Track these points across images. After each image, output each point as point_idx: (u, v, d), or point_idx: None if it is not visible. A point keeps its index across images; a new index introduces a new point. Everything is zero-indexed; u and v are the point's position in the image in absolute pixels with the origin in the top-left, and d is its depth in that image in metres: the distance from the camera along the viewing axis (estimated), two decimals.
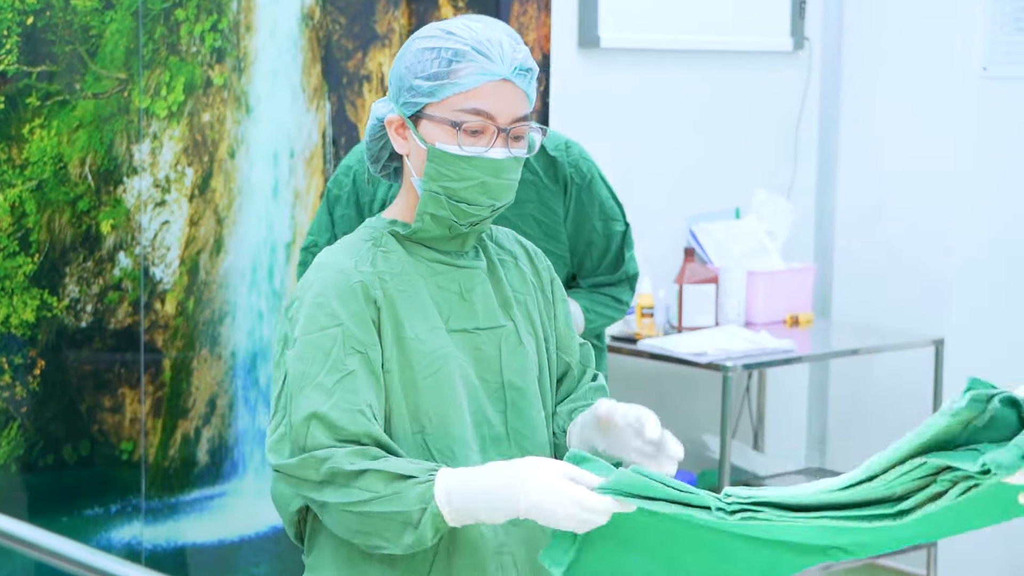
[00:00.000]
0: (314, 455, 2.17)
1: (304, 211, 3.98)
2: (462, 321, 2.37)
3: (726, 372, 4.26)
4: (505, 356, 2.39)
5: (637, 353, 4.44)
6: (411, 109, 2.30)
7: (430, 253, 2.36)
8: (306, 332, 2.25)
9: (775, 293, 4.92)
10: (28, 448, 3.53)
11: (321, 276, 2.29)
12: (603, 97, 4.71)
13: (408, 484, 2.16)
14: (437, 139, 2.29)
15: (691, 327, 4.63)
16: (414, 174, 2.33)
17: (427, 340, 2.31)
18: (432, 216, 2.32)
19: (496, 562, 2.30)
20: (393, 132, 2.34)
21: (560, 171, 3.43)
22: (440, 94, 2.28)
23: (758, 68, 5.11)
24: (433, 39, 2.31)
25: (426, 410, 2.29)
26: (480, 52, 2.28)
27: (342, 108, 4.04)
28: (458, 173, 2.29)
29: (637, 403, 2.43)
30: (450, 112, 2.28)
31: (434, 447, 2.29)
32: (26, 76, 3.46)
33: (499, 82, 2.29)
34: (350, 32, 4.03)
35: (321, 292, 2.27)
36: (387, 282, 2.31)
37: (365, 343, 2.26)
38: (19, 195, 3.47)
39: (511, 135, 2.31)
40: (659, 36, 4.82)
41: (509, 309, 2.42)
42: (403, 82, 2.31)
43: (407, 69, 2.30)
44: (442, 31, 2.32)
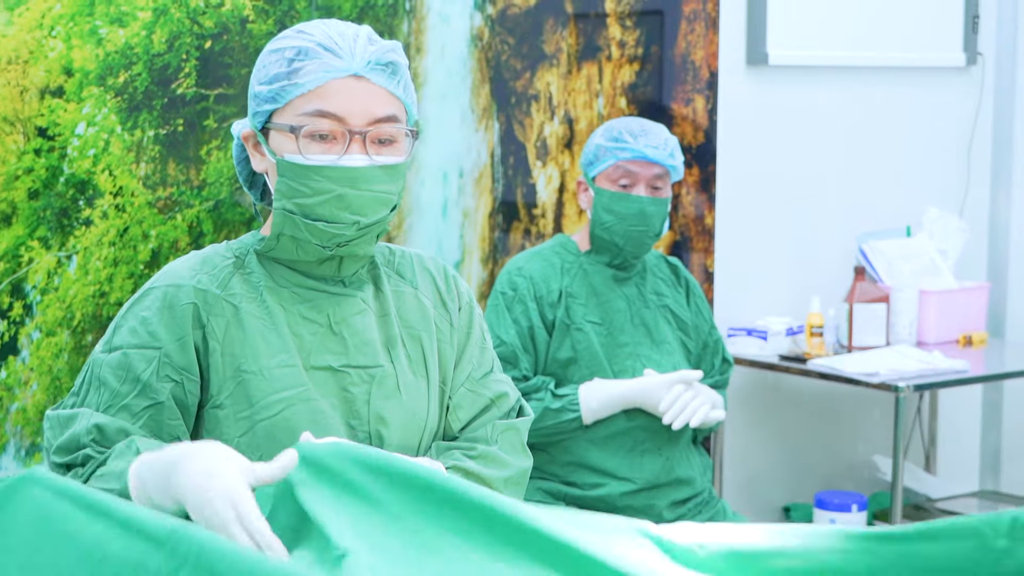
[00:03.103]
0: (89, 454, 1.96)
1: (473, 230, 4.01)
2: (327, 357, 2.09)
3: (898, 392, 4.19)
4: (375, 401, 2.10)
5: (806, 373, 4.39)
6: (260, 120, 2.05)
7: (296, 277, 2.10)
8: (124, 345, 2.03)
9: (947, 312, 4.83)
10: None
11: (157, 286, 2.07)
12: (771, 114, 4.68)
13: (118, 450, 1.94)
14: (285, 150, 2.02)
15: (861, 347, 4.57)
16: (272, 191, 2.07)
17: (273, 378, 2.04)
18: (292, 238, 2.06)
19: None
20: (251, 149, 2.10)
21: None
22: (282, 98, 2.02)
23: (930, 84, 5.03)
24: (282, 39, 2.07)
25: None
26: (326, 48, 2.03)
27: (510, 128, 4.06)
28: (309, 186, 2.01)
29: (808, 423, 2.23)
30: (292, 117, 2.02)
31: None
32: (204, 99, 3.53)
33: (349, 79, 2.02)
34: (518, 52, 4.06)
35: (149, 306, 2.05)
36: (237, 307, 2.06)
37: (182, 370, 2.03)
38: (197, 215, 3.54)
39: (371, 139, 2.03)
40: (828, 53, 4.77)
41: (393, 348, 2.14)
42: (251, 90, 2.07)
43: (253, 76, 2.07)
44: (294, 31, 2.07)
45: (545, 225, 4.13)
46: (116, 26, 3.38)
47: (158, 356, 2.02)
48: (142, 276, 3.44)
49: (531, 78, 4.09)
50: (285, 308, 2.08)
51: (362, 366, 2.10)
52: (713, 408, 3.39)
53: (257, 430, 2.03)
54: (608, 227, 3.43)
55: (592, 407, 3.33)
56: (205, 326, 2.04)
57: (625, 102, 4.28)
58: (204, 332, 2.04)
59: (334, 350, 2.09)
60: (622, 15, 4.24)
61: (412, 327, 2.17)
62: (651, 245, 3.48)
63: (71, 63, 3.32)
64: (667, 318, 3.54)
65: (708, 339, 3.60)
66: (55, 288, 3.33)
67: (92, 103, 3.36)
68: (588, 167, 3.48)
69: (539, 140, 4.12)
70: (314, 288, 2.10)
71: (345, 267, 2.11)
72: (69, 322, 3.36)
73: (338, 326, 2.10)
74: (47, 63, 3.29)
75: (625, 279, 3.51)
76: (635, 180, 3.42)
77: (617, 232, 3.42)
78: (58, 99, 3.31)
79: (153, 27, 3.44)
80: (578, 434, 3.37)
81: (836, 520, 4.48)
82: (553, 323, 3.43)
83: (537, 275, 3.47)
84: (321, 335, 2.08)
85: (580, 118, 4.18)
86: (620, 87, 4.26)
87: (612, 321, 3.46)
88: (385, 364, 2.12)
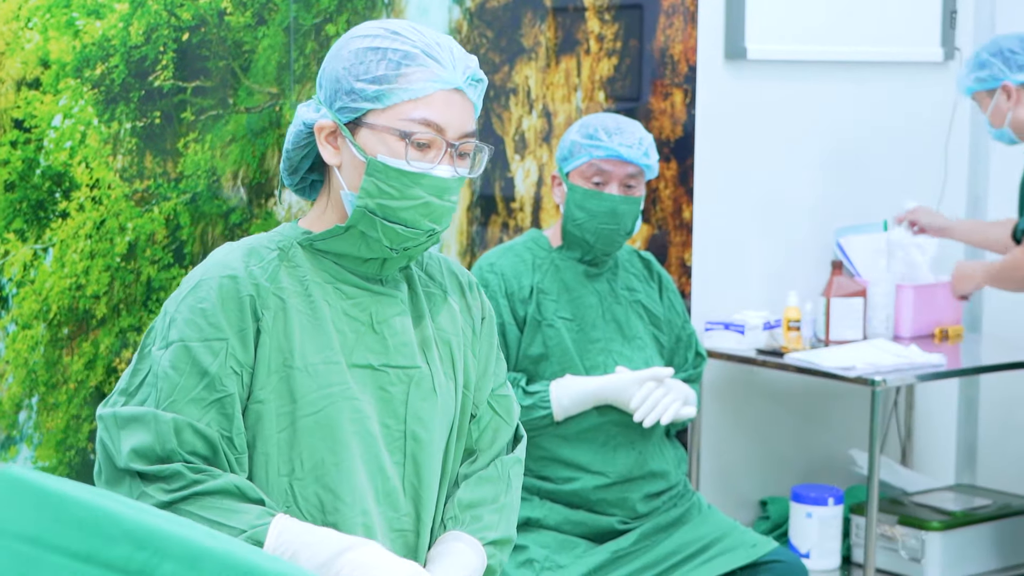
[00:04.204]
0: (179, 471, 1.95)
1: (451, 224, 4.00)
2: (368, 356, 2.12)
3: (874, 387, 4.20)
4: (413, 402, 2.13)
5: (783, 366, 4.40)
6: (349, 115, 2.08)
7: (342, 273, 2.12)
8: (185, 338, 2.02)
9: (924, 307, 4.85)
10: None
11: (209, 277, 2.06)
12: (750, 109, 4.69)
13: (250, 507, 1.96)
14: (379, 150, 2.06)
15: (838, 341, 4.58)
16: (344, 187, 2.10)
17: (318, 374, 2.06)
18: (361, 234, 2.08)
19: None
20: (322, 140, 2.11)
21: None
22: (387, 100, 2.06)
23: (907, 79, 5.05)
24: (377, 38, 2.09)
25: (299, 452, 2.04)
26: (431, 56, 2.07)
27: (488, 121, 4.06)
28: (400, 191, 2.05)
29: (785, 417, 2.30)
30: (397, 121, 2.05)
31: (301, 495, 2.06)
32: (181, 91, 3.53)
33: (451, 92, 2.07)
34: (497, 46, 4.06)
35: (206, 296, 2.03)
36: (285, 301, 2.07)
37: (243, 365, 2.04)
38: (174, 208, 3.54)
39: (458, 152, 2.09)
40: (806, 47, 4.78)
41: (428, 350, 2.17)
42: (340, 84, 2.08)
43: (346, 70, 2.08)
44: (386, 30, 2.10)
45: (523, 219, 4.14)
46: (93, 18, 3.38)
47: (224, 347, 2.02)
48: (119, 269, 3.44)
49: (509, 72, 4.09)
50: (330, 304, 2.09)
51: (401, 366, 2.12)
52: (684, 405, 3.40)
53: (298, 426, 2.04)
54: (580, 224, 3.43)
55: (564, 404, 3.33)
56: (260, 319, 2.05)
57: (603, 96, 4.28)
58: (259, 325, 2.05)
59: (374, 349, 2.11)
60: (600, 9, 4.25)
61: (443, 330, 2.20)
62: (622, 243, 3.48)
63: (48, 55, 3.31)
64: (639, 313, 3.54)
65: (681, 333, 3.61)
66: (31, 281, 3.33)
67: (69, 95, 3.35)
68: (563, 162, 3.48)
69: (517, 134, 4.12)
70: (356, 286, 2.12)
71: (388, 267, 2.14)
72: (45, 315, 3.36)
73: (379, 325, 2.12)
74: (23, 55, 3.28)
75: (597, 275, 3.52)
76: (608, 178, 3.42)
77: (588, 229, 3.43)
78: (34, 91, 3.30)
79: (130, 19, 3.43)
80: (549, 430, 3.38)
81: (813, 514, 4.50)
82: (524, 319, 3.44)
83: (508, 271, 3.47)
84: (362, 333, 2.11)
85: (558, 112, 4.19)
86: (599, 81, 4.26)
87: (583, 317, 3.46)
88: (422, 365, 2.14)
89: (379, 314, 2.12)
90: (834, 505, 4.52)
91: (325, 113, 2.11)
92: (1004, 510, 4.74)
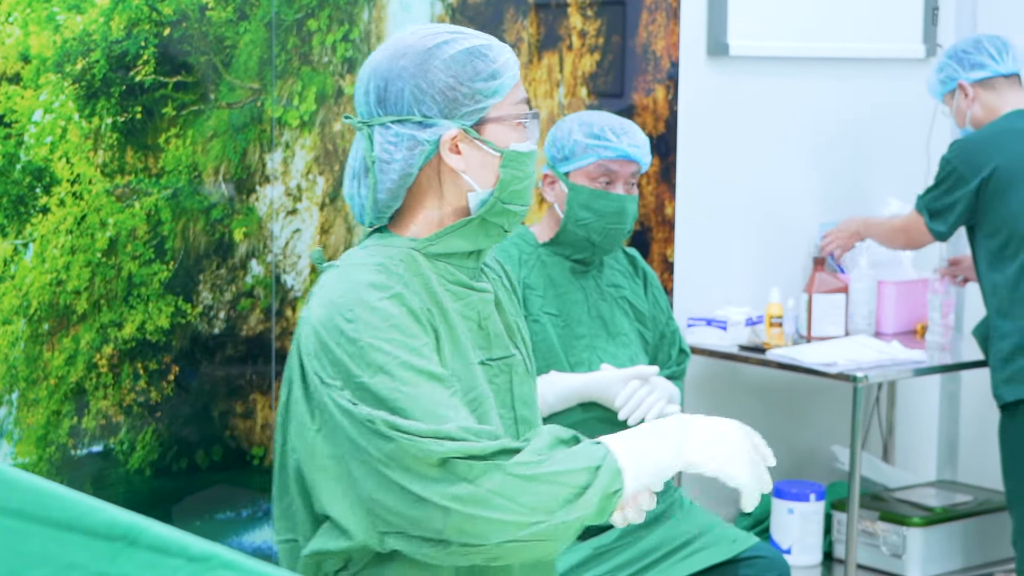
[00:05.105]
0: (472, 447, 1.95)
1: None
2: (479, 353, 2.17)
3: (856, 383, 4.21)
4: (516, 388, 2.21)
5: (765, 363, 4.41)
6: (475, 117, 2.14)
7: (454, 276, 2.17)
8: (393, 359, 2.01)
9: (906, 303, 4.86)
10: (162, 453, 3.58)
11: (371, 296, 2.05)
12: (732, 105, 4.69)
13: (579, 448, 1.99)
14: (510, 140, 2.15)
15: (820, 337, 4.59)
16: (475, 187, 2.14)
17: (463, 378, 2.11)
18: (482, 221, 2.15)
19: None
20: (449, 151, 2.13)
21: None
22: (503, 91, 2.15)
23: (890, 75, 5.05)
24: (455, 42, 2.14)
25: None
26: (496, 43, 2.17)
27: None
28: (525, 172, 2.16)
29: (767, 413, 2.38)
30: (511, 108, 2.16)
31: None
32: (162, 86, 3.52)
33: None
34: None
35: (388, 315, 2.03)
36: (431, 312, 2.11)
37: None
38: (155, 203, 3.53)
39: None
40: (788, 44, 4.79)
41: (513, 336, 2.25)
42: (457, 92, 2.12)
43: (454, 78, 2.12)
44: (447, 32, 2.17)
45: None
46: (74, 12, 3.36)
47: (430, 347, 2.05)
48: (99, 264, 3.43)
49: None
50: (452, 308, 2.14)
51: (500, 358, 2.19)
52: (669, 403, 3.40)
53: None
54: (585, 223, 3.42)
55: (548, 401, 3.33)
56: (435, 328, 2.09)
57: (586, 92, 4.28)
58: (436, 331, 2.09)
59: (482, 345, 2.18)
60: (583, 5, 4.24)
61: (512, 313, 2.28)
62: (622, 241, 3.49)
63: (28, 49, 3.30)
64: (624, 310, 3.54)
65: (665, 330, 3.61)
66: (11, 276, 3.31)
67: (49, 90, 3.34)
68: (562, 162, 3.45)
69: None
70: (464, 285, 2.17)
71: (482, 257, 2.22)
72: (25, 310, 3.35)
73: (484, 322, 2.18)
74: (4, 49, 3.27)
75: (583, 272, 3.51)
76: (615, 178, 3.42)
77: (595, 229, 3.42)
78: (15, 86, 3.29)
79: (111, 14, 3.42)
80: None
81: (794, 510, 4.50)
82: None
83: None
84: (474, 332, 2.16)
85: (541, 107, 4.18)
86: (581, 77, 4.26)
87: (569, 313, 3.46)
88: (514, 352, 2.22)
89: (484, 311, 2.19)
90: (816, 501, 4.53)
91: (442, 125, 2.13)
92: (985, 506, 4.75)
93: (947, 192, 4.26)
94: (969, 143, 4.28)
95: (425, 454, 1.95)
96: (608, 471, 1.95)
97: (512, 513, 1.93)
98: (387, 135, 2.14)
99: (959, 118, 4.36)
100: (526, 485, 1.94)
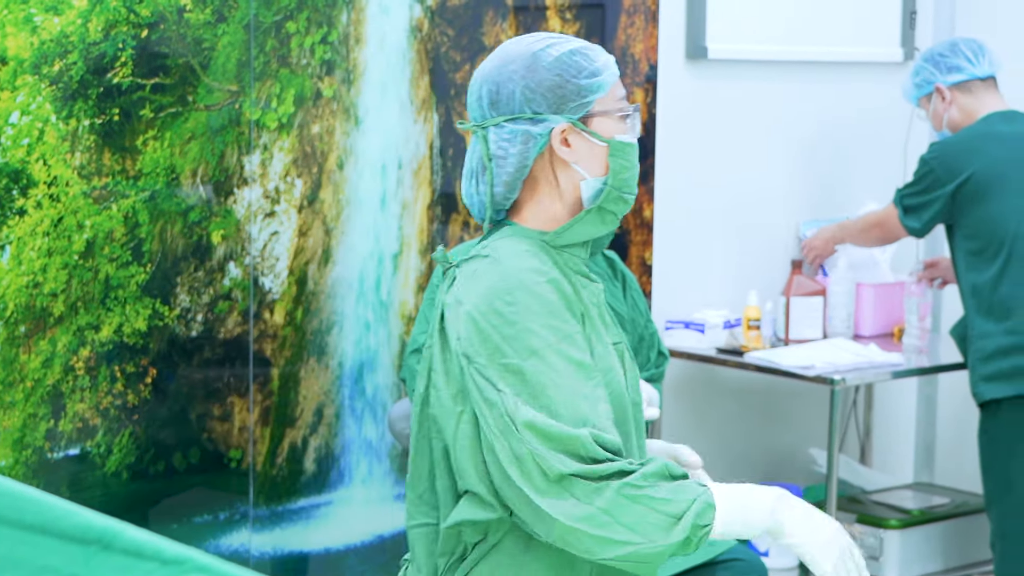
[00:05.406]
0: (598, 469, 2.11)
1: (411, 222, 4.00)
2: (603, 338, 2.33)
3: (833, 385, 4.22)
4: (628, 373, 2.34)
5: (743, 366, 4.41)
6: (581, 111, 2.29)
7: (576, 266, 2.32)
8: (547, 343, 2.16)
9: (884, 305, 4.87)
10: (139, 456, 3.57)
11: (530, 280, 2.20)
12: (710, 108, 4.69)
13: (683, 482, 2.14)
14: (615, 132, 2.31)
15: (798, 340, 4.60)
16: (586, 176, 2.29)
17: (604, 356, 2.27)
18: (599, 210, 2.30)
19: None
20: (558, 143, 2.28)
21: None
22: (606, 86, 2.30)
23: (868, 79, 5.07)
24: (557, 45, 2.30)
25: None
26: (593, 46, 2.33)
27: (449, 120, 4.06)
28: (631, 162, 2.32)
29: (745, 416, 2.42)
30: (614, 103, 2.31)
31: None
32: (140, 88, 3.51)
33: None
34: (458, 44, 4.05)
35: (546, 300, 2.19)
36: (578, 295, 2.27)
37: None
38: (132, 206, 3.52)
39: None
40: (767, 47, 4.80)
41: (616, 323, 2.39)
42: (564, 89, 2.28)
43: (560, 76, 2.28)
44: (548, 38, 2.33)
45: None
46: (51, 14, 3.35)
47: (582, 336, 2.20)
48: (76, 267, 3.42)
49: (471, 70, 4.08)
50: (583, 294, 2.28)
51: (615, 343, 2.33)
52: (648, 405, 3.40)
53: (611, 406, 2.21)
54: None
55: None
56: (582, 312, 2.24)
57: None
58: (583, 315, 2.24)
59: (602, 330, 2.31)
60: (562, 8, 4.25)
61: (612, 302, 2.50)
62: (604, 246, 3.49)
63: (5, 51, 3.29)
64: None
65: (644, 332, 3.61)
66: None
67: (26, 92, 3.33)
68: None
69: None
70: (584, 275, 2.32)
71: (594, 246, 2.44)
72: (2, 313, 3.33)
73: (600, 309, 2.33)
74: None
75: None
76: None
77: None
78: None
79: (89, 15, 3.41)
80: None
81: None
82: None
83: None
84: (596, 317, 2.30)
85: None
86: None
87: None
88: (622, 339, 2.37)
89: (599, 299, 2.34)
90: None
91: (552, 120, 2.28)
92: (962, 508, 4.76)
93: (923, 191, 4.28)
94: (948, 146, 4.29)
95: (548, 468, 2.10)
96: (702, 504, 2.10)
97: (613, 531, 2.09)
98: (501, 134, 2.30)
99: (936, 122, 4.38)
100: (631, 506, 2.09)
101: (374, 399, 3.96)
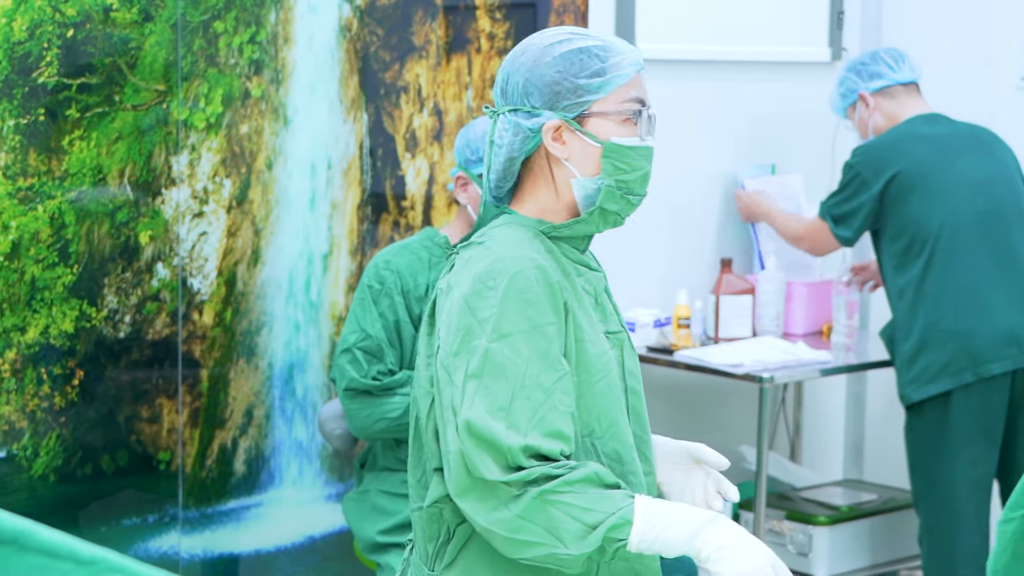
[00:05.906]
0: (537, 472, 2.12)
1: (341, 222, 3.99)
2: (600, 325, 2.36)
3: (762, 383, 4.25)
4: (626, 361, 2.38)
5: (673, 364, 4.43)
6: (577, 110, 2.31)
7: (574, 255, 2.36)
8: (518, 329, 2.19)
9: (814, 304, 4.90)
10: (67, 458, 3.55)
11: (516, 267, 2.23)
12: None
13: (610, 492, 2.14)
14: (612, 134, 2.31)
15: (728, 338, 4.62)
16: (576, 174, 2.32)
17: (596, 343, 2.30)
18: (601, 210, 2.33)
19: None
20: (550, 139, 2.31)
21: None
22: (608, 88, 2.30)
23: (796, 79, 5.10)
24: (570, 42, 2.32)
25: (597, 415, 2.27)
26: (619, 45, 2.34)
27: (379, 119, 4.05)
28: (631, 164, 2.33)
29: (675, 414, 2.44)
30: (618, 104, 2.32)
31: (602, 451, 2.28)
32: (66, 88, 3.48)
33: (640, 72, 2.36)
34: (387, 44, 4.05)
35: (527, 288, 2.22)
36: (569, 282, 2.31)
37: (566, 346, 2.25)
38: (58, 206, 3.49)
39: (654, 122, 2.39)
40: (695, 47, 4.82)
41: (617, 313, 2.44)
42: (561, 86, 2.30)
43: (560, 73, 2.30)
44: (569, 33, 2.35)
45: (414, 217, 4.13)
46: None
47: (556, 329, 2.21)
48: (2, 268, 3.39)
49: (400, 70, 4.08)
50: (577, 283, 2.31)
51: (613, 332, 2.36)
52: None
53: (594, 391, 2.27)
54: None
55: None
56: (567, 301, 2.25)
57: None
58: (567, 305, 2.25)
59: (599, 319, 2.34)
60: (492, 7, 4.25)
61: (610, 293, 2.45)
62: None
63: None
64: None
65: None
66: None
67: None
68: (476, 164, 3.44)
69: (408, 132, 4.11)
70: (582, 264, 2.36)
71: (590, 241, 2.40)
72: None
73: (600, 298, 2.37)
74: None
75: None
76: None
77: None
78: None
79: (13, 15, 3.38)
80: None
81: None
82: (420, 317, 3.43)
83: (404, 269, 3.48)
84: (592, 307, 2.33)
85: (449, 110, 4.18)
86: (490, 80, 4.27)
87: None
88: (621, 329, 2.40)
89: (598, 288, 2.37)
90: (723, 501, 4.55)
91: (545, 116, 2.31)
92: (890, 504, 4.80)
93: (851, 197, 4.32)
94: (871, 148, 4.33)
95: (473, 470, 2.13)
96: (619, 519, 2.11)
97: (526, 534, 2.12)
98: (503, 122, 2.35)
99: (862, 129, 4.43)
100: (547, 511, 2.11)
101: (304, 400, 3.95)
